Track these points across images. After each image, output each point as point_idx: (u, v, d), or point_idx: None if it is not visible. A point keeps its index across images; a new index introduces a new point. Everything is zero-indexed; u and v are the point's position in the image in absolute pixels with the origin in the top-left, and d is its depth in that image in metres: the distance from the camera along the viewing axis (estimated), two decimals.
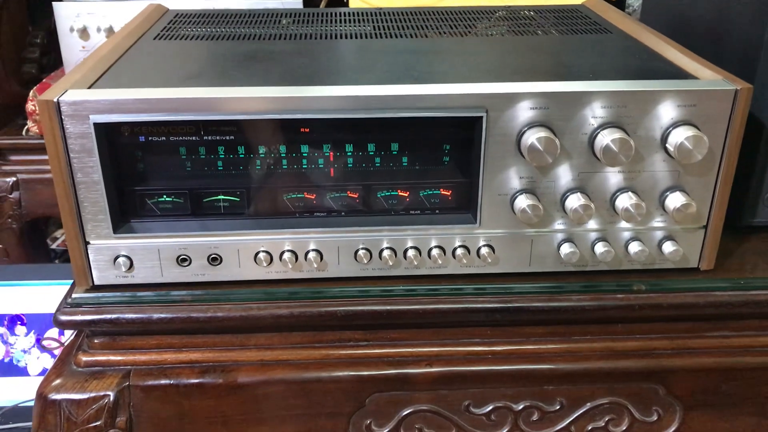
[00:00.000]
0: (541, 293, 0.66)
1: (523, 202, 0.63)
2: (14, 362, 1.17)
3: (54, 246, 1.65)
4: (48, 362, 1.17)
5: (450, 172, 0.64)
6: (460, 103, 0.60)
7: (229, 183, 0.63)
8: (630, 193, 0.63)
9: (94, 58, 0.67)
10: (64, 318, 0.63)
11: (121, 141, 0.60)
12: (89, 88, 0.60)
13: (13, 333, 1.17)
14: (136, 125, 0.60)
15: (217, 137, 0.61)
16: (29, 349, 1.17)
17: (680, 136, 0.60)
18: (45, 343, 1.15)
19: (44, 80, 1.37)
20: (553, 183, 0.63)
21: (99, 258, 0.64)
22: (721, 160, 0.63)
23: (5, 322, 1.17)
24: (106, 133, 0.59)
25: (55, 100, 0.57)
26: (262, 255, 0.65)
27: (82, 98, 0.58)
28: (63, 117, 0.58)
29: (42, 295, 1.17)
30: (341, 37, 0.79)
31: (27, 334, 1.17)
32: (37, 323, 1.17)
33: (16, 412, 1.11)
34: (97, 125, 0.58)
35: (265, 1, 1.20)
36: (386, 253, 0.65)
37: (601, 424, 0.69)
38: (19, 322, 1.17)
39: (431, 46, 0.76)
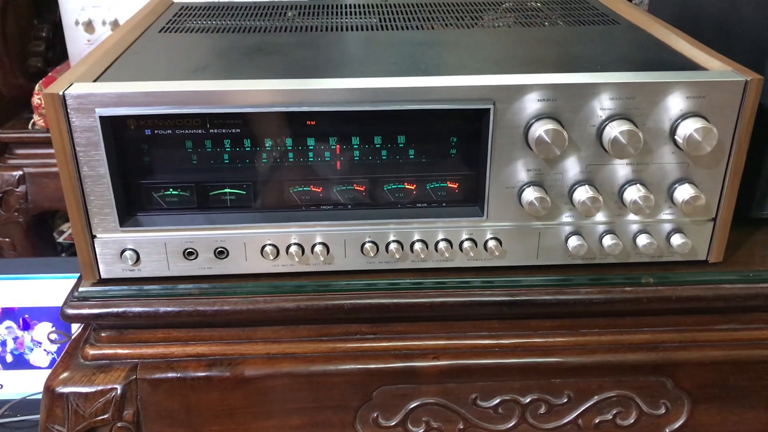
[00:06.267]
0: (548, 286, 0.66)
1: (530, 194, 0.62)
2: (22, 355, 1.18)
3: (60, 240, 1.65)
4: (55, 355, 1.17)
5: (457, 165, 0.64)
6: (468, 95, 0.60)
7: (235, 176, 0.63)
8: (638, 185, 0.63)
9: (100, 51, 0.67)
10: (71, 311, 0.64)
11: (127, 134, 0.60)
12: (95, 81, 0.60)
13: (20, 326, 1.17)
14: (142, 118, 0.60)
15: (223, 130, 0.61)
16: (36, 342, 1.17)
17: (689, 127, 0.60)
18: (51, 336, 1.16)
19: (50, 74, 1.37)
20: (560, 175, 0.63)
21: (105, 251, 0.64)
22: (731, 152, 0.62)
23: (13, 316, 1.17)
24: (111, 126, 0.59)
25: (61, 93, 0.57)
26: (268, 248, 0.65)
27: (87, 91, 0.57)
28: (69, 110, 0.58)
29: (50, 288, 1.17)
30: (347, 30, 0.79)
31: (34, 328, 1.17)
32: (44, 317, 1.17)
33: (24, 405, 1.11)
34: (102, 118, 0.58)
35: None
36: (393, 246, 0.65)
37: (609, 417, 0.69)
38: (26, 316, 1.17)
39: (438, 38, 0.76)
